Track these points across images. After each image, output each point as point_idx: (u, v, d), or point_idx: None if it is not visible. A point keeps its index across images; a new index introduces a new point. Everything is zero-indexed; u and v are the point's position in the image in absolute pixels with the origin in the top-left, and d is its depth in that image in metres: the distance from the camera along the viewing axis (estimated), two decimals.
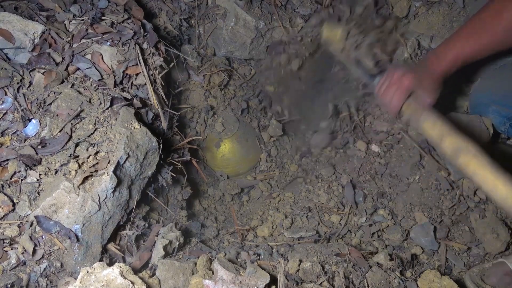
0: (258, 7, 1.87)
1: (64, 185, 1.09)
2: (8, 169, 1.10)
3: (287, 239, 1.50)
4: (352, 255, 1.21)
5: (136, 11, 1.52)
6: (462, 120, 1.48)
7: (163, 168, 1.47)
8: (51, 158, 1.14)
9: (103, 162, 1.15)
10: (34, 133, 1.17)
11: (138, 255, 1.25)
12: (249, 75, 2.05)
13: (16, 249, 1.05)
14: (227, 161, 1.97)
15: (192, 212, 1.87)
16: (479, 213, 1.42)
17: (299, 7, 1.92)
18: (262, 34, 1.90)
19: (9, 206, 1.07)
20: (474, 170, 0.96)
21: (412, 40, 1.71)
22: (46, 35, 1.34)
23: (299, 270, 1.12)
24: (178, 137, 1.65)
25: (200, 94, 1.89)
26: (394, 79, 1.31)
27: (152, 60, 1.48)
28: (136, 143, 1.24)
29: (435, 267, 1.40)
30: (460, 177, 1.46)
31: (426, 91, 1.26)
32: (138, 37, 1.45)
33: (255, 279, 1.01)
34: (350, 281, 1.12)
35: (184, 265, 1.10)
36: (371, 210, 1.53)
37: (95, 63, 1.34)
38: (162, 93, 1.51)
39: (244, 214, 1.93)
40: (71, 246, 1.10)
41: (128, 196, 1.27)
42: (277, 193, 1.86)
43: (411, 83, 1.27)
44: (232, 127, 1.93)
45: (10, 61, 1.29)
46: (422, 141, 1.51)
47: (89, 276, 0.95)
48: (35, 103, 1.22)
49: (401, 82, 1.28)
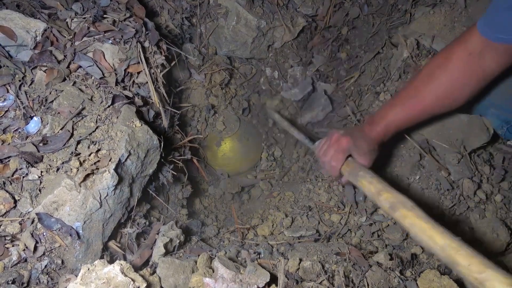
0: (260, 6, 1.87)
1: (66, 182, 1.09)
2: (10, 166, 1.10)
3: (287, 238, 1.50)
4: (352, 254, 1.21)
5: (137, 10, 1.52)
6: (462, 120, 1.48)
7: (164, 167, 1.47)
8: (52, 156, 1.15)
9: (105, 160, 1.15)
10: (36, 130, 1.18)
11: (139, 253, 1.25)
12: (250, 74, 2.05)
13: (17, 246, 1.05)
14: (228, 159, 1.98)
15: (193, 210, 1.87)
16: (479, 213, 1.43)
17: (301, 6, 1.93)
18: (264, 33, 1.90)
19: (10, 203, 1.07)
20: (412, 222, 0.99)
21: (411, 40, 1.71)
22: (48, 33, 1.34)
23: (299, 269, 1.13)
24: (179, 135, 1.66)
25: (201, 92, 1.90)
26: (332, 141, 1.37)
27: (154, 59, 1.48)
28: (137, 141, 1.24)
29: (435, 266, 1.39)
30: (460, 177, 1.46)
31: (361, 154, 1.31)
32: (139, 36, 1.45)
33: (255, 277, 1.01)
34: (350, 280, 1.12)
35: (185, 263, 1.10)
36: (371, 210, 1.53)
37: (97, 61, 1.34)
38: (163, 91, 1.52)
39: (244, 212, 1.93)
40: (72, 243, 1.10)
41: (129, 194, 1.27)
42: (278, 192, 1.86)
43: (348, 144, 1.32)
44: (233, 126, 1.93)
45: (12, 59, 1.29)
46: (423, 141, 1.51)
47: (90, 273, 0.95)
48: (37, 100, 1.23)
49: (339, 143, 1.34)
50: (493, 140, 1.50)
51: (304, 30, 2.01)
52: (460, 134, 1.47)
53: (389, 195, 1.09)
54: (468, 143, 1.47)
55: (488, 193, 1.45)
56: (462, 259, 0.84)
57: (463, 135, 1.47)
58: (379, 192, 1.12)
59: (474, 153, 1.51)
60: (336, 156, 1.34)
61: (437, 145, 1.49)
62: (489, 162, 1.52)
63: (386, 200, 1.08)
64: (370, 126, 1.35)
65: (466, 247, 0.86)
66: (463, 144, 1.47)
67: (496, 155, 1.54)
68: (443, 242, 0.90)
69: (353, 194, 1.56)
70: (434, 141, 1.49)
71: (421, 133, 1.52)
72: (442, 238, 0.92)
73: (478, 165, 1.50)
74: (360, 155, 1.31)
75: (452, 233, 0.92)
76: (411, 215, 1.00)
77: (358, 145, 1.32)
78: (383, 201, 1.09)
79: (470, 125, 1.47)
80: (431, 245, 0.93)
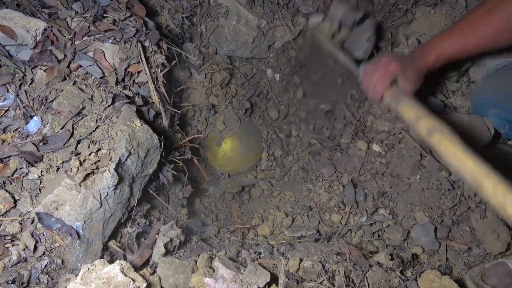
0: (260, 6, 1.87)
1: (66, 182, 1.09)
2: (10, 166, 1.10)
3: (287, 238, 1.50)
4: (352, 254, 1.21)
5: (138, 9, 1.52)
6: (463, 120, 1.48)
7: (164, 166, 1.47)
8: (52, 155, 1.14)
9: (105, 159, 1.15)
10: (36, 130, 1.17)
11: (139, 252, 1.25)
12: (250, 74, 2.05)
13: (17, 246, 1.05)
14: (228, 159, 1.97)
15: (193, 210, 1.87)
16: (480, 213, 1.42)
17: (302, 5, 1.92)
18: (264, 32, 1.90)
19: (10, 203, 1.07)
20: (447, 147, 1.02)
21: (412, 40, 1.71)
22: (48, 32, 1.34)
23: (300, 269, 1.12)
24: (179, 135, 1.66)
25: (201, 92, 1.90)
26: (380, 65, 1.36)
27: (154, 58, 1.48)
28: (138, 140, 1.24)
29: (435, 267, 1.40)
30: None
31: (408, 81, 1.31)
32: (140, 35, 1.45)
33: (255, 277, 1.01)
34: (350, 280, 1.12)
35: (185, 263, 1.10)
36: (371, 210, 1.53)
37: (97, 60, 1.34)
38: (163, 91, 1.51)
39: (244, 212, 1.93)
40: (72, 243, 1.10)
41: (129, 193, 1.27)
42: (278, 192, 1.86)
43: (396, 70, 1.32)
44: (233, 125, 1.93)
45: (12, 58, 1.29)
46: (423, 141, 1.51)
47: (90, 273, 0.95)
48: (37, 100, 1.23)
49: (387, 68, 1.33)
50: (494, 140, 1.50)
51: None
52: (460, 134, 1.47)
53: (428, 121, 1.10)
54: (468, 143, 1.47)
55: None
56: (489, 183, 0.89)
57: (464, 135, 1.46)
58: (419, 117, 1.13)
59: None
60: (382, 80, 1.33)
61: None
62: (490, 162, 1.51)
63: (424, 126, 1.09)
64: (420, 54, 1.34)
65: (494, 174, 0.90)
66: None
67: (497, 155, 1.53)
68: (473, 167, 0.93)
69: (354, 194, 1.56)
70: None
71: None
72: (473, 163, 0.94)
73: None
74: (406, 81, 1.31)
75: (484, 160, 0.94)
76: (447, 140, 1.02)
77: (405, 72, 1.31)
78: (422, 126, 1.10)
79: (470, 125, 1.47)
80: (462, 170, 0.96)
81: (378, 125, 1.66)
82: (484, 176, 0.91)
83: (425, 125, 1.10)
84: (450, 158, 1.00)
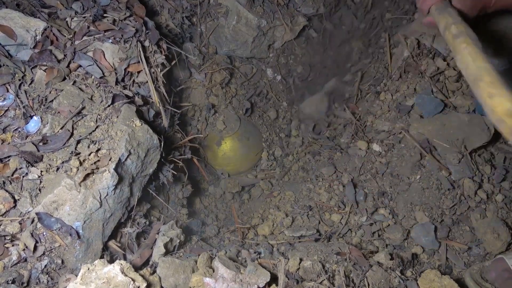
0: (260, 6, 1.87)
1: (66, 182, 1.09)
2: (10, 166, 1.10)
3: (287, 238, 1.50)
4: (352, 254, 1.21)
5: (138, 9, 1.52)
6: (463, 120, 1.47)
7: (164, 166, 1.47)
8: (52, 155, 1.14)
9: (105, 159, 1.15)
10: (36, 130, 1.17)
11: (139, 252, 1.25)
12: (250, 74, 2.05)
13: (17, 246, 1.05)
14: (228, 159, 1.97)
15: (193, 210, 1.87)
16: (480, 213, 1.42)
17: (302, 6, 1.92)
18: (264, 32, 1.90)
19: (10, 203, 1.07)
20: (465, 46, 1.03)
21: (411, 39, 1.70)
22: (48, 32, 1.34)
23: (300, 268, 1.12)
24: (179, 135, 1.66)
25: (201, 92, 1.90)
26: None
27: (154, 58, 1.48)
28: (138, 140, 1.24)
29: (435, 266, 1.40)
30: (461, 177, 1.46)
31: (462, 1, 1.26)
32: (140, 35, 1.44)
33: (255, 277, 1.01)
34: (350, 280, 1.12)
35: (185, 263, 1.10)
36: (372, 209, 1.53)
37: (97, 60, 1.34)
38: (163, 91, 1.51)
39: (244, 212, 1.93)
40: (72, 243, 1.10)
41: (129, 193, 1.27)
42: (278, 191, 1.86)
43: None
44: (233, 125, 1.93)
45: (12, 58, 1.29)
46: (423, 141, 1.51)
47: (90, 273, 0.95)
48: (37, 100, 1.22)
49: None
50: (494, 139, 1.50)
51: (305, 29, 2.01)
52: (460, 133, 1.47)
53: (462, 27, 1.10)
54: (468, 143, 1.47)
55: (489, 193, 1.45)
56: (488, 77, 0.90)
57: (464, 135, 1.46)
58: (455, 22, 1.13)
59: (475, 152, 1.50)
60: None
61: (437, 144, 1.49)
62: (490, 162, 1.51)
63: (456, 29, 1.10)
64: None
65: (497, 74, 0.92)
66: (464, 144, 1.47)
67: (497, 155, 1.53)
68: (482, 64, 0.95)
69: (354, 194, 1.56)
70: (434, 141, 1.49)
71: (421, 133, 1.52)
72: (483, 61, 0.96)
73: (479, 165, 1.49)
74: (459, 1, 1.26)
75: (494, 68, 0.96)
76: (468, 43, 1.03)
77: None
78: (454, 29, 1.11)
79: (470, 124, 1.47)
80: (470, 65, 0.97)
81: (378, 124, 1.66)
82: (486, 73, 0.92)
83: (457, 29, 1.10)
84: (463, 56, 1.01)
